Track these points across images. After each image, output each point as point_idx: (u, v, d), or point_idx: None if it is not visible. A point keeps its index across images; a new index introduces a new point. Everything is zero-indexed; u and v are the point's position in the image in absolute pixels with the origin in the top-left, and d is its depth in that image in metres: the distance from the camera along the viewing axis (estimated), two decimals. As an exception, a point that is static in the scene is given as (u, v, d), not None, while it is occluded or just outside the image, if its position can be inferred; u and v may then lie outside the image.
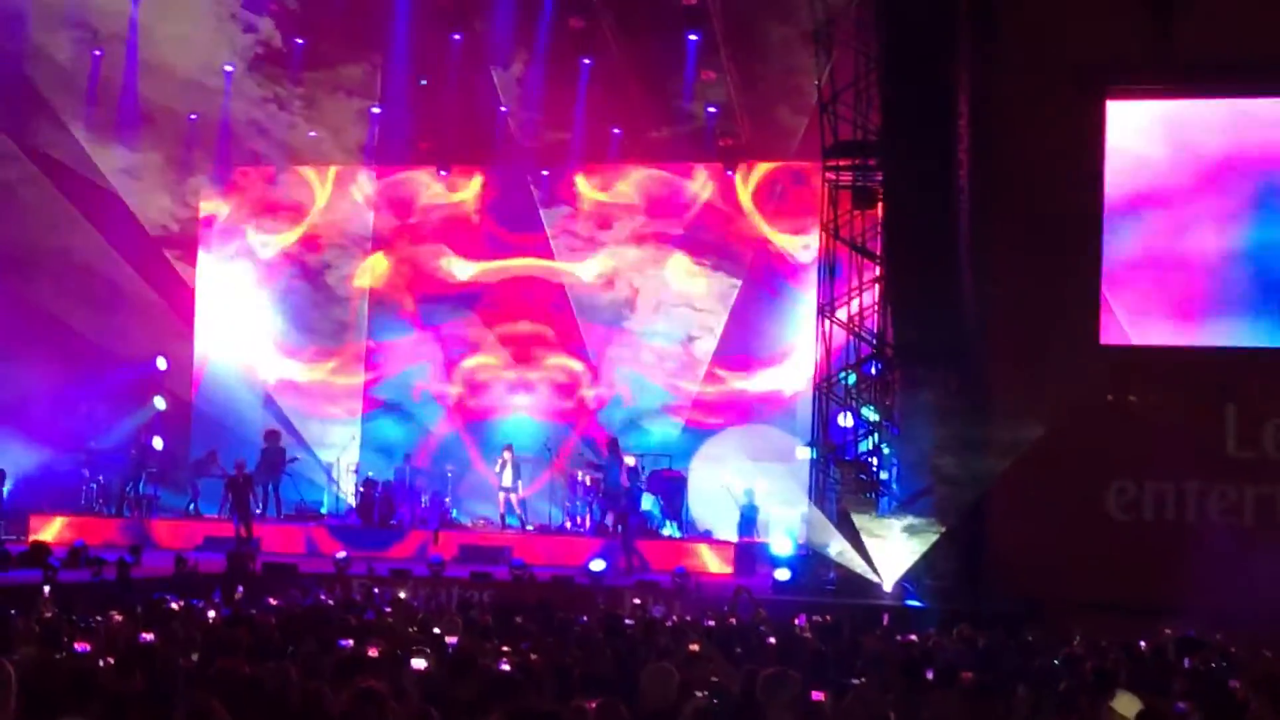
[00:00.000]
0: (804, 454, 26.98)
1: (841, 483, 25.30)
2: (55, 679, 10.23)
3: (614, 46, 30.40)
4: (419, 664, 12.43)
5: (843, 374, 25.89)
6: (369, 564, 25.63)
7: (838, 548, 24.60)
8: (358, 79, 31.84)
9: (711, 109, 31.15)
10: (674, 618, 19.24)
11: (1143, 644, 16.60)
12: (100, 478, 31.70)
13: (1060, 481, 24.60)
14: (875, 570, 24.15)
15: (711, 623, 17.91)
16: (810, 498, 25.87)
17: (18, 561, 24.88)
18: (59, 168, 31.72)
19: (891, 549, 24.20)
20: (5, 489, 30.22)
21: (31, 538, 28.92)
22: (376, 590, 23.18)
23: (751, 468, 30.23)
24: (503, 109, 31.68)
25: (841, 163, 25.87)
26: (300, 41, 31.64)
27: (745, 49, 29.93)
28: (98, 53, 31.48)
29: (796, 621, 18.72)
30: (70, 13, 30.26)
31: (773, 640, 15.85)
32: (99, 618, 16.75)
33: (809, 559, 25.22)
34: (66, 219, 31.60)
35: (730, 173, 31.84)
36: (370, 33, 30.88)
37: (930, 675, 12.96)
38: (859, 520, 24.42)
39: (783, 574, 24.94)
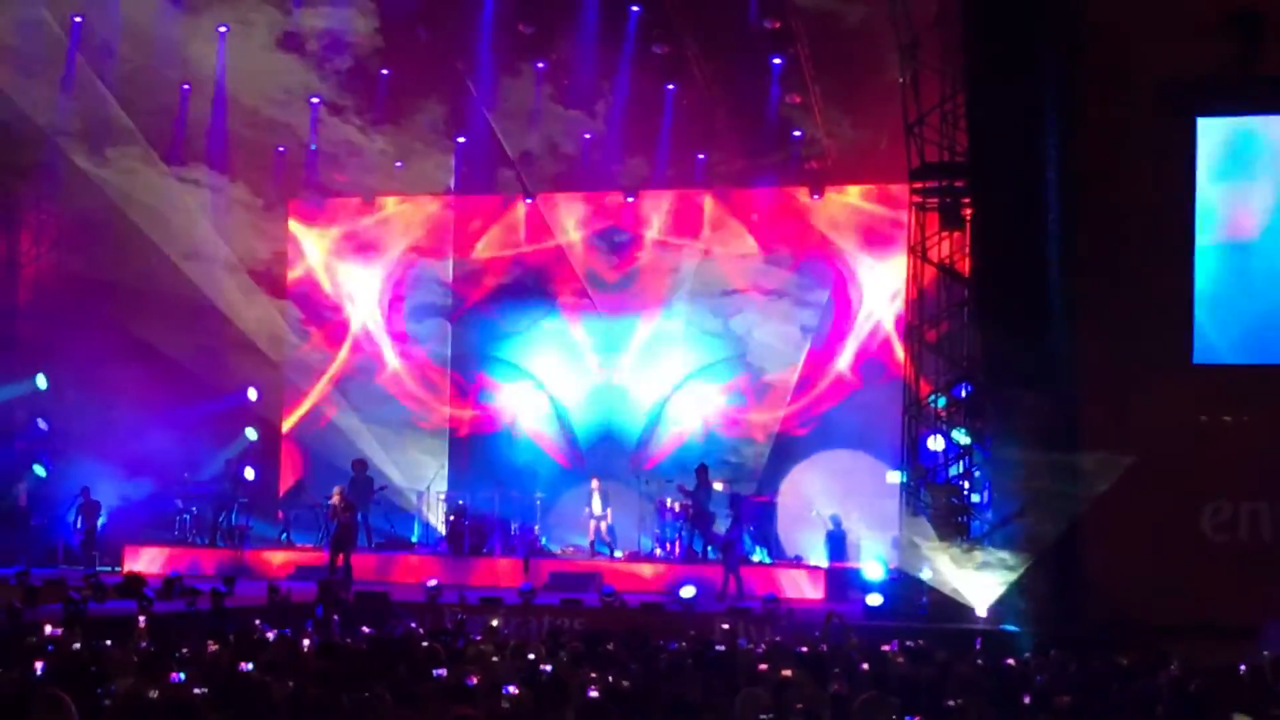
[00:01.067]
0: (894, 478, 26.79)
1: (932, 506, 25.10)
2: (151, 712, 10.30)
3: (698, 72, 30.43)
4: (511, 692, 12.43)
5: (932, 397, 25.71)
6: (460, 592, 25.68)
7: (930, 573, 24.41)
8: (441, 109, 31.98)
9: (797, 133, 31.11)
10: (764, 644, 19.16)
11: (1241, 667, 16.35)
12: (193, 508, 31.97)
13: (1154, 503, 24.25)
14: (968, 595, 23.93)
15: (803, 649, 17.80)
16: (901, 522, 25.68)
17: (114, 593, 25.09)
18: (148, 199, 32.00)
19: (984, 573, 23.99)
20: (101, 520, 30.54)
21: (127, 569, 29.20)
22: (467, 618, 23.23)
23: (841, 492, 30.08)
24: (586, 136, 31.73)
25: (928, 184, 25.72)
26: (385, 72, 31.86)
27: (830, 72, 29.88)
28: (186, 86, 31.83)
29: (888, 647, 18.57)
30: (159, 46, 30.59)
31: (865, 666, 15.73)
32: (192, 648, 16.87)
33: (901, 584, 25.01)
34: (157, 251, 31.89)
35: (816, 196, 31.76)
36: (453, 62, 31.01)
37: (1027, 700, 12.83)
38: (951, 544, 24.23)
39: (874, 599, 24.77)
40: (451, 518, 30.94)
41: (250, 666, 14.02)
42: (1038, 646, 19.75)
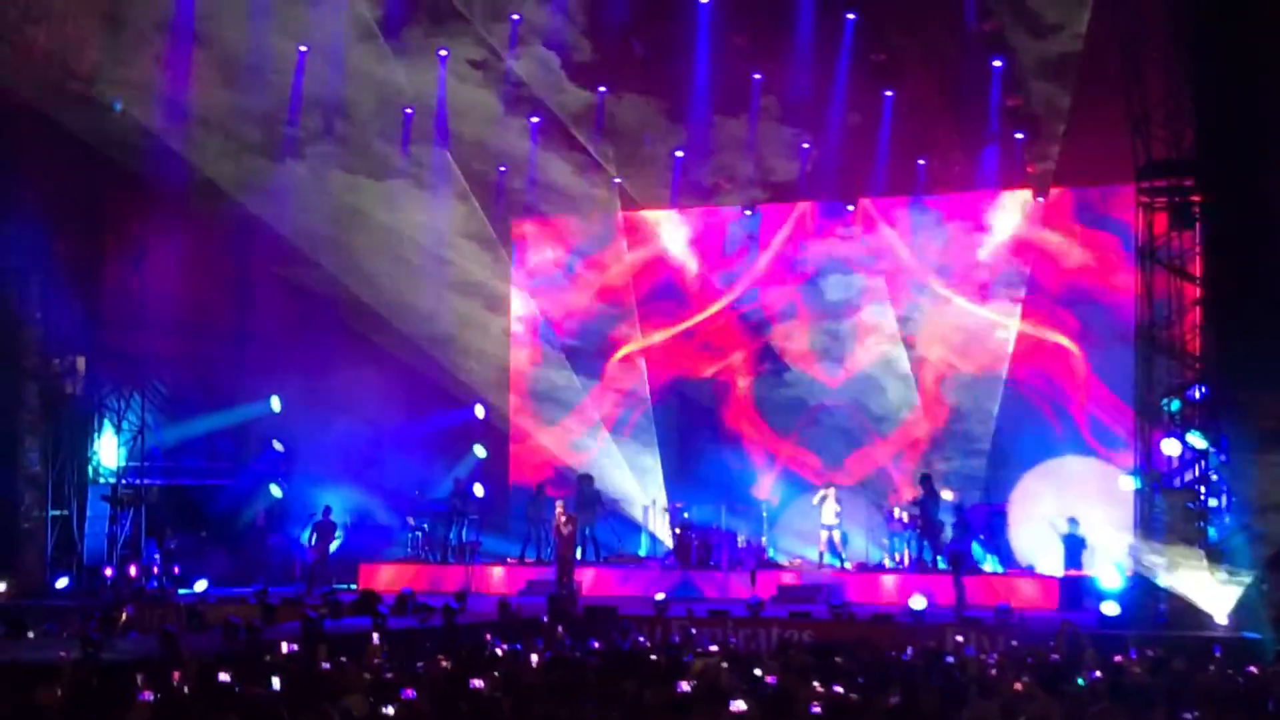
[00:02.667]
0: (1128, 484, 26.21)
1: (1169, 512, 24.53)
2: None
3: (916, 77, 30.16)
4: (738, 706, 12.37)
5: (1165, 400, 25.10)
6: (687, 605, 25.69)
7: (1168, 579, 23.83)
8: (660, 123, 32.06)
9: (1019, 134, 30.67)
10: (995, 654, 18.86)
11: None
12: (424, 526, 32.41)
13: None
14: (1206, 602, 23.32)
15: (1032, 659, 17.50)
16: (1137, 528, 25.12)
17: (349, 609, 25.53)
18: (374, 218, 32.58)
19: (1223, 579, 23.37)
20: (337, 541, 31.12)
21: (362, 586, 29.68)
22: (695, 631, 23.23)
23: (1074, 499, 29.55)
24: (805, 145, 31.59)
25: (1156, 183, 25.14)
26: (603, 90, 32.07)
27: (1050, 71, 29.40)
28: (409, 111, 32.36)
29: (1123, 657, 18.16)
30: (381, 70, 31.15)
31: (1099, 675, 15.40)
32: (424, 664, 17.10)
33: (1137, 591, 24.45)
34: (386, 272, 32.44)
35: (1040, 198, 31.22)
36: (670, 76, 31.12)
37: (1271, 707, 12.46)
38: (1189, 550, 23.65)
39: (1110, 608, 24.26)
40: (678, 530, 30.95)
41: (480, 683, 14.15)
42: (1280, 654, 19.20)
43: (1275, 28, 22.70)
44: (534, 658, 17.44)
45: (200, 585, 29.34)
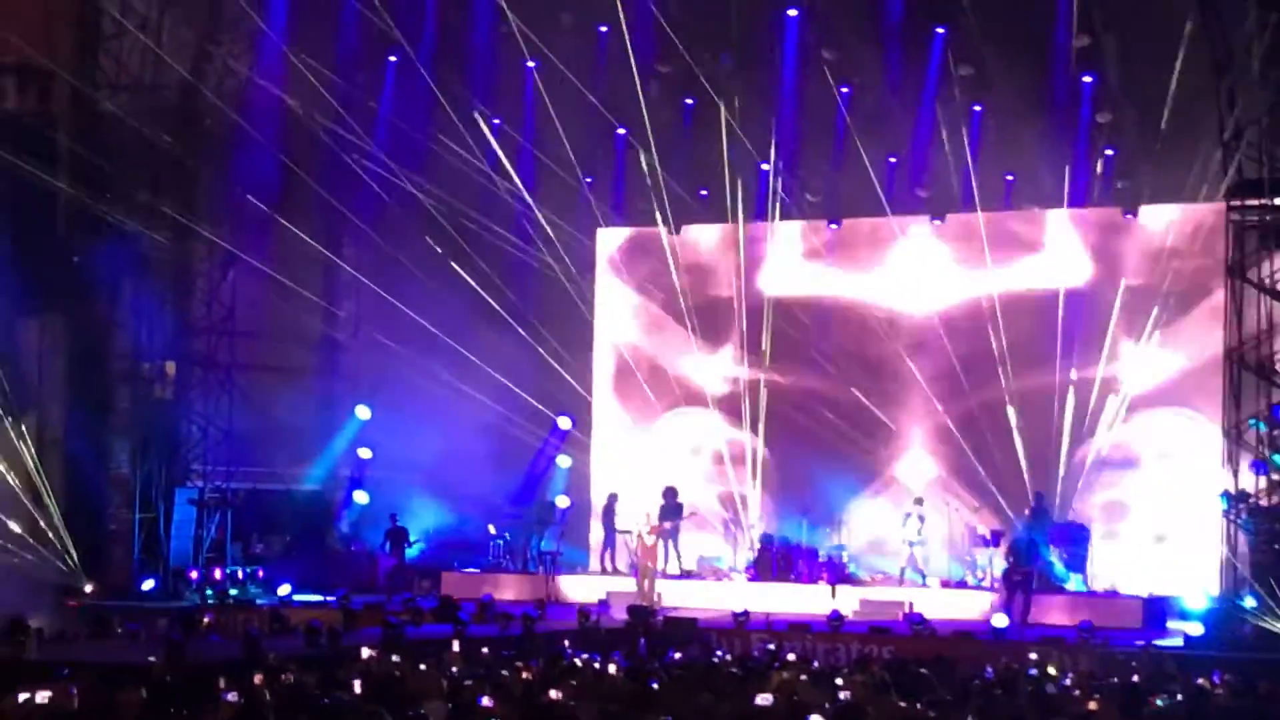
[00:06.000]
0: (1215, 504, 25.97)
1: (1256, 532, 24.30)
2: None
3: (1005, 92, 30.06)
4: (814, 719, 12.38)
5: (1253, 420, 24.87)
6: (767, 618, 25.67)
7: (1254, 600, 23.60)
8: (748, 135, 32.04)
9: (1109, 151, 30.48)
10: (1075, 674, 18.76)
11: None
12: (506, 535, 32.55)
13: None
14: (1295, 623, 23.10)
15: (1114, 679, 17.39)
16: (1223, 548, 24.88)
17: (430, 616, 25.69)
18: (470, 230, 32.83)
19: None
20: (417, 547, 31.30)
21: (442, 593, 29.86)
22: (774, 644, 23.21)
23: (1158, 517, 29.30)
24: (891, 159, 31.49)
25: (1248, 201, 24.92)
26: (690, 102, 32.14)
27: (1143, 88, 29.24)
28: (497, 121, 32.56)
29: (1206, 679, 18.00)
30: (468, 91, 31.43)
31: (1180, 698, 15.29)
32: (505, 671, 17.18)
33: (1222, 612, 24.23)
34: (468, 287, 32.64)
35: (1129, 215, 30.96)
36: (759, 87, 31.13)
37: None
38: (1275, 571, 23.41)
39: (1194, 628, 24.04)
40: (759, 543, 30.91)
41: (559, 694, 14.20)
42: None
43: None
44: (612, 668, 17.48)
45: (283, 589, 29.59)
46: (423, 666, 17.14)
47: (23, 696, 13.52)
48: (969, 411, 31.41)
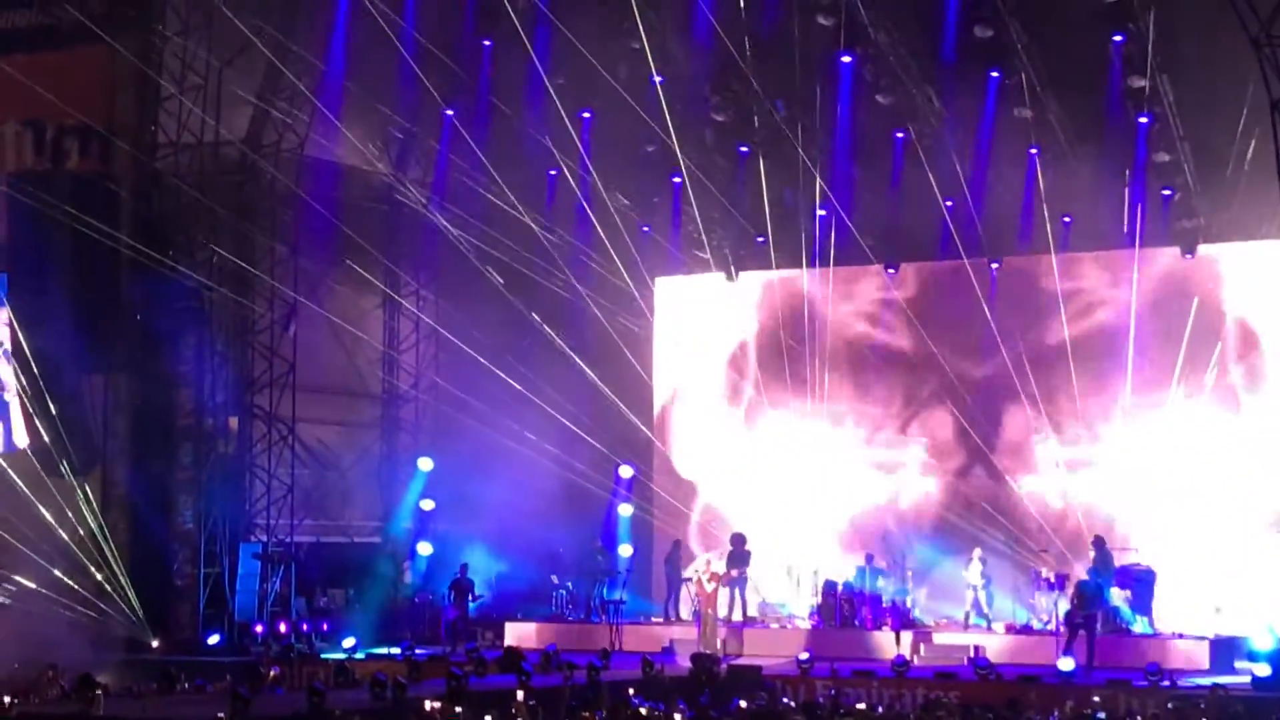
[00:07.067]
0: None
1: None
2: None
3: (1061, 132, 30.00)
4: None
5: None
6: (832, 665, 25.57)
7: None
8: (804, 180, 32.00)
9: (1166, 191, 30.38)
10: (1139, 717, 18.64)
11: None
12: (569, 584, 32.53)
13: None
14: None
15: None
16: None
17: (494, 666, 25.70)
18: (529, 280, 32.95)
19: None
20: (480, 598, 31.31)
21: (506, 643, 29.85)
22: (839, 691, 23.12)
23: (1224, 556, 29.11)
24: (947, 203, 31.40)
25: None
26: (745, 149, 32.25)
27: (1200, 126, 29.13)
28: (553, 172, 32.73)
29: (1277, 720, 17.85)
30: (527, 120, 31.60)
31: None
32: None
33: (1291, 654, 24.00)
34: (529, 337, 32.77)
35: (1189, 255, 30.82)
36: (814, 133, 31.14)
37: None
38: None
39: (1263, 669, 23.81)
40: (822, 590, 30.78)
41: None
42: None
43: None
44: (678, 717, 17.46)
45: (348, 642, 29.67)
46: (488, 718, 17.16)
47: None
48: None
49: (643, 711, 18.16)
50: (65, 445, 29.33)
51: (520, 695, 20.36)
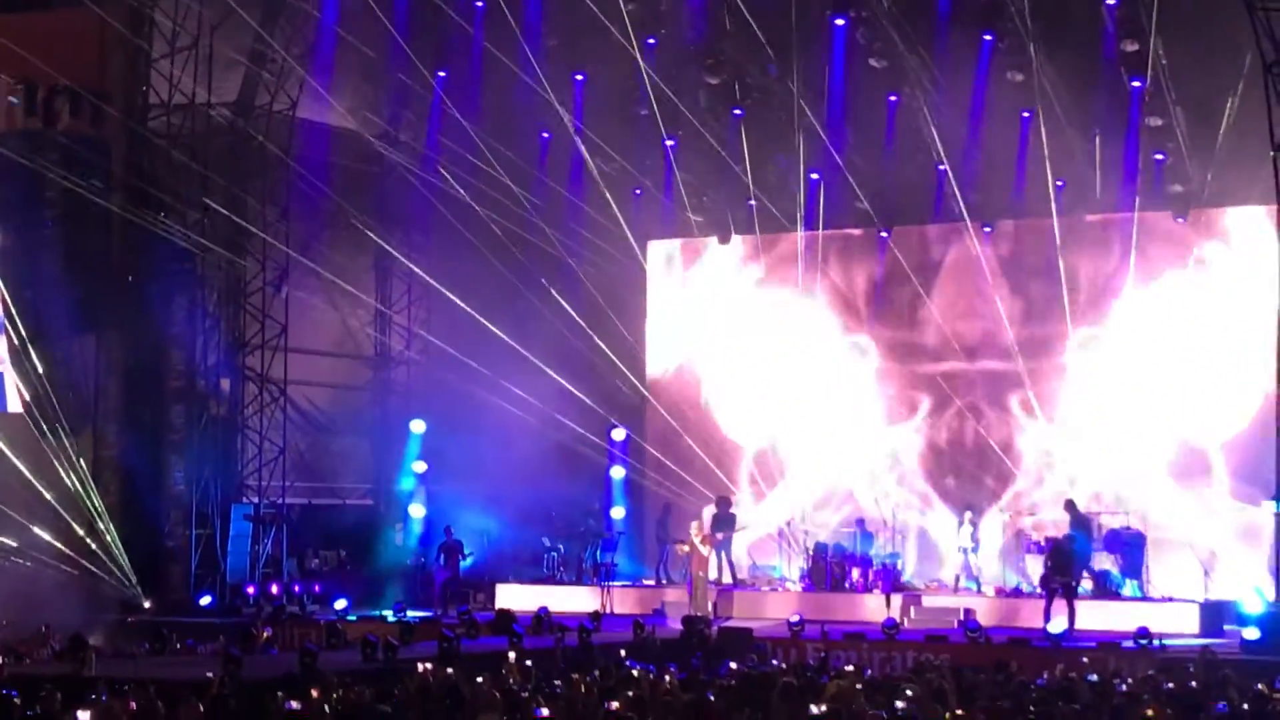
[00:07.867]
0: (1270, 508, 25.82)
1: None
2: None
3: (1054, 97, 29.95)
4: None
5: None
6: (823, 627, 25.64)
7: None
8: (794, 143, 31.95)
9: (1159, 155, 30.36)
10: (1132, 680, 18.68)
11: None
12: (561, 546, 32.56)
13: None
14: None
15: (1171, 685, 17.30)
16: (1278, 552, 24.71)
17: (486, 629, 25.76)
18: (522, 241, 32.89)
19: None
20: (469, 559, 31.38)
21: (498, 606, 29.90)
22: (829, 654, 23.19)
23: (1217, 521, 29.16)
24: (941, 166, 31.37)
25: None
26: (738, 112, 32.20)
27: (1192, 91, 29.09)
28: (546, 135, 32.67)
29: (1265, 684, 17.87)
30: (519, 92, 31.53)
31: (1240, 704, 15.21)
32: (561, 683, 17.25)
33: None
34: (521, 299, 32.71)
35: (1180, 219, 30.84)
36: (807, 96, 31.06)
37: None
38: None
39: (1252, 633, 23.89)
40: (813, 553, 30.84)
41: (615, 704, 14.24)
42: None
43: None
44: (667, 679, 17.50)
45: (339, 604, 29.73)
46: (479, 679, 17.20)
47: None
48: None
49: (634, 673, 18.17)
50: (56, 407, 29.29)
51: (512, 657, 20.39)
